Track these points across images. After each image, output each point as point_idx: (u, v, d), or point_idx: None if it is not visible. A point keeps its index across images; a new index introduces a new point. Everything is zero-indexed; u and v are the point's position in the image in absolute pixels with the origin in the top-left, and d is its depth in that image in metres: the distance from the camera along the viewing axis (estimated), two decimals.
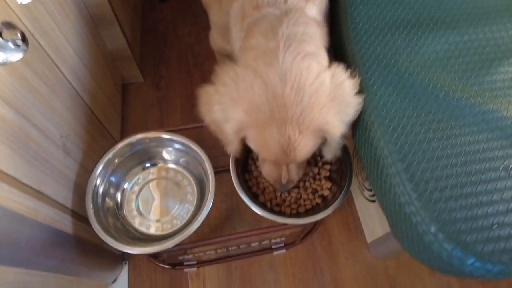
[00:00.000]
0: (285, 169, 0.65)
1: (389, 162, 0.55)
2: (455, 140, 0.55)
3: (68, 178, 0.70)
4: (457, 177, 0.52)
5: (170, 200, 0.76)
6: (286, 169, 0.65)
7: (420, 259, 0.54)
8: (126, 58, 1.10)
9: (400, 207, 0.53)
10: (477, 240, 0.47)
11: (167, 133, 0.75)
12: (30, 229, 0.56)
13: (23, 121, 0.56)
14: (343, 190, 0.71)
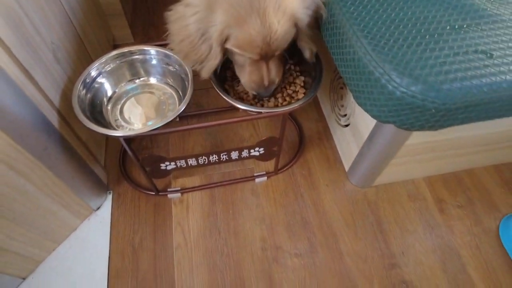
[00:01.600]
0: (266, 69, 0.69)
1: (347, 29, 0.61)
2: (407, 10, 0.62)
3: (56, 82, 0.74)
4: (407, 32, 0.58)
5: (153, 110, 0.80)
6: (267, 68, 0.69)
7: (376, 105, 0.58)
8: (118, 15, 1.17)
9: (359, 61, 0.58)
10: (414, 69, 0.52)
11: (151, 45, 0.80)
12: (18, 99, 0.60)
13: (16, 6, 0.62)
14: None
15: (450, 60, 0.54)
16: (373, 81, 0.56)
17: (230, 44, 0.65)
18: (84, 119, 0.68)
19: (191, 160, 0.81)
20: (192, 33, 0.65)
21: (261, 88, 0.72)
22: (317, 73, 0.77)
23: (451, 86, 0.51)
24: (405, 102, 0.53)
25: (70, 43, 0.83)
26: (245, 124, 1.06)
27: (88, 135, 0.89)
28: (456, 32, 0.58)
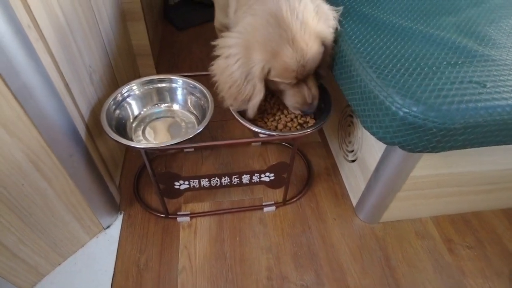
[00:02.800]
0: (306, 88, 0.77)
1: (355, 61, 0.68)
2: (408, 48, 0.69)
3: (88, 100, 0.82)
4: (408, 65, 0.65)
5: (173, 134, 0.85)
6: (307, 87, 0.77)
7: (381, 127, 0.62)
8: (146, 55, 1.30)
9: (365, 88, 0.64)
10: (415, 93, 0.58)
11: (178, 75, 0.89)
12: (58, 106, 0.66)
13: (67, 29, 0.72)
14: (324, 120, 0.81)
15: (447, 87, 0.60)
16: (378, 104, 0.62)
17: (271, 76, 0.73)
18: (109, 130, 0.74)
19: (203, 180, 0.84)
20: (237, 78, 0.73)
21: (305, 105, 0.79)
22: (326, 105, 0.83)
23: (449, 107, 0.56)
24: (408, 122, 0.58)
25: (103, 70, 0.93)
26: (256, 157, 1.10)
27: (108, 154, 0.94)
28: (452, 66, 0.64)
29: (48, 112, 0.64)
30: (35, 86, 0.60)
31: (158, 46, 1.52)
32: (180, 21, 1.69)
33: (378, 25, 0.75)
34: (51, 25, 0.65)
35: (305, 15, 0.69)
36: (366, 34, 0.73)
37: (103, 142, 0.90)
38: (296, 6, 0.69)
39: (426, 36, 0.72)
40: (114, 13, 1.05)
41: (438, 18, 0.79)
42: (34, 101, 0.61)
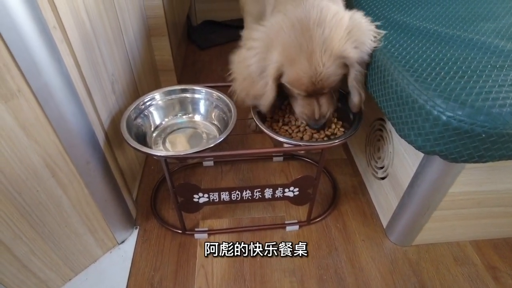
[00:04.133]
0: (316, 104, 0.74)
1: (389, 66, 0.64)
2: (446, 52, 0.65)
3: (109, 108, 0.80)
4: (448, 68, 0.60)
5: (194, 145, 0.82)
6: (317, 104, 0.74)
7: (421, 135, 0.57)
8: (169, 70, 1.30)
9: (402, 92, 0.59)
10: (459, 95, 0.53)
11: (201, 86, 0.87)
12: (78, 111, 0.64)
13: (92, 35, 0.71)
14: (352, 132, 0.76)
15: (496, 90, 0.54)
16: (417, 109, 0.56)
17: (283, 80, 0.71)
18: (129, 137, 0.71)
19: (224, 194, 0.79)
20: (253, 71, 0.72)
21: (312, 120, 0.76)
22: (355, 117, 0.78)
23: (501, 110, 0.51)
24: (452, 127, 0.52)
25: (126, 81, 0.92)
26: (278, 173, 1.05)
27: (126, 165, 0.91)
28: (498, 70, 0.59)
29: (68, 116, 0.62)
30: (56, 87, 0.58)
31: (181, 63, 1.53)
32: (202, 41, 1.71)
33: (412, 31, 0.72)
34: (77, 28, 0.65)
35: (332, 32, 0.66)
36: (399, 39, 0.69)
37: (122, 153, 0.88)
38: (327, 19, 0.66)
39: (465, 41, 0.68)
40: (139, 27, 1.06)
41: (475, 25, 0.75)
42: (54, 102, 0.59)
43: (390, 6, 0.82)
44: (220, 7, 1.83)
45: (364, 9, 0.82)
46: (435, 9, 0.81)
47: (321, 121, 0.75)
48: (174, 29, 1.35)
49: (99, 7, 0.75)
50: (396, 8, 0.82)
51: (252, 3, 0.98)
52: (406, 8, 0.82)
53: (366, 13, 0.80)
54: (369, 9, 0.81)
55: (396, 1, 0.85)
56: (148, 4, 1.12)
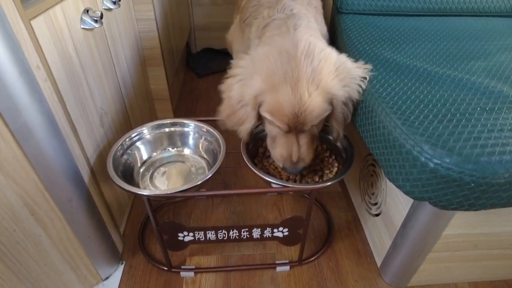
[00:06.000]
0: (296, 143, 0.68)
1: (377, 106, 0.62)
2: (435, 93, 0.63)
3: (96, 142, 0.79)
4: (436, 111, 0.58)
5: (181, 179, 0.80)
6: (297, 143, 0.68)
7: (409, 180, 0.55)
8: (164, 100, 1.30)
9: (389, 135, 0.58)
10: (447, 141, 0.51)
11: (191, 119, 0.86)
12: (59, 147, 0.63)
13: (80, 70, 0.71)
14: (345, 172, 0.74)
15: (485, 136, 0.52)
16: (404, 154, 0.55)
17: (262, 109, 0.68)
18: (114, 175, 0.70)
19: (210, 233, 0.77)
20: (234, 97, 0.70)
21: (288, 162, 0.70)
22: (348, 155, 0.77)
23: (489, 159, 0.49)
24: (440, 175, 0.50)
25: (116, 113, 0.92)
26: (270, 207, 1.03)
27: (113, 199, 0.89)
28: (487, 113, 0.57)
29: (49, 153, 0.61)
30: (36, 126, 0.57)
31: (178, 91, 1.53)
32: (201, 68, 1.72)
33: (401, 70, 0.71)
34: (62, 65, 0.64)
35: (321, 65, 0.65)
36: (388, 78, 0.68)
37: (109, 187, 0.86)
38: (316, 52, 0.66)
39: (455, 80, 0.67)
40: (133, 58, 1.07)
41: (466, 63, 0.74)
42: (34, 141, 0.58)
43: (381, 43, 0.82)
44: (220, 36, 1.85)
45: (355, 45, 0.81)
46: (426, 46, 0.81)
47: (299, 165, 0.69)
48: (171, 58, 1.36)
49: (88, 41, 0.76)
50: (387, 44, 0.82)
51: (239, 42, 0.99)
52: (397, 45, 0.81)
53: (357, 49, 0.80)
54: (359, 45, 0.81)
55: (387, 38, 0.85)
56: (143, 36, 1.13)
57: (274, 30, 0.76)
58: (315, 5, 0.85)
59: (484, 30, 0.91)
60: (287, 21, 0.74)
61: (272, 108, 0.66)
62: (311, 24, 0.76)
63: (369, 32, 0.87)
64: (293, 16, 0.77)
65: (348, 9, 0.96)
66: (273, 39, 0.70)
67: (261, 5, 0.84)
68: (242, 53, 0.98)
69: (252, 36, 0.87)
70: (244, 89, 0.68)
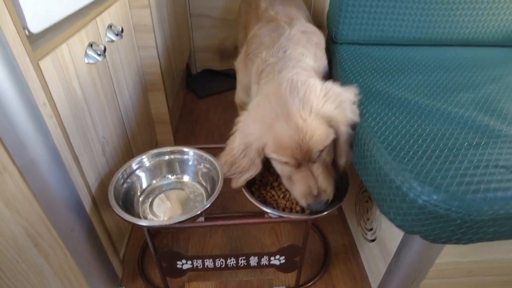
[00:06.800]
0: (311, 176, 0.67)
1: (369, 140, 0.65)
2: (425, 127, 0.66)
3: (98, 171, 0.81)
4: (426, 146, 0.61)
5: (180, 207, 0.82)
6: (312, 175, 0.68)
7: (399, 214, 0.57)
8: (164, 122, 1.33)
9: (380, 170, 0.60)
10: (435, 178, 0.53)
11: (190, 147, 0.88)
12: (62, 179, 0.65)
13: (83, 103, 0.74)
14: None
15: (471, 173, 0.55)
16: (394, 189, 0.57)
17: (267, 152, 0.69)
18: (115, 205, 0.72)
19: (208, 261, 0.78)
20: (236, 148, 0.73)
21: (310, 198, 0.68)
22: (343, 184, 0.79)
23: (474, 196, 0.51)
24: (428, 211, 0.53)
25: (118, 140, 0.94)
26: (268, 231, 1.04)
27: (113, 225, 0.91)
28: (474, 148, 0.60)
29: (52, 186, 0.63)
30: (42, 161, 0.60)
31: (178, 113, 1.57)
32: (201, 90, 1.76)
33: (393, 103, 0.74)
34: (67, 100, 0.67)
35: (307, 94, 0.68)
36: (380, 112, 0.71)
37: (110, 213, 0.88)
38: (299, 85, 0.69)
39: (444, 114, 0.69)
40: (134, 84, 1.10)
41: (455, 95, 0.77)
42: (39, 175, 0.60)
43: (374, 74, 0.85)
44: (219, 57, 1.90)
45: (349, 77, 0.85)
46: (417, 77, 0.84)
47: (322, 198, 0.67)
48: (171, 82, 1.40)
49: (92, 75, 0.79)
50: (380, 76, 0.85)
51: (242, 73, 1.02)
52: (390, 76, 0.84)
53: (351, 81, 0.83)
54: (353, 77, 0.84)
55: (380, 68, 0.88)
56: (145, 62, 1.17)
57: (265, 78, 0.80)
58: (316, 41, 0.88)
59: (473, 60, 0.95)
60: (274, 67, 0.79)
61: (274, 147, 0.67)
62: (300, 63, 0.79)
63: (362, 62, 0.91)
64: (283, 58, 0.80)
65: (343, 40, 0.99)
66: (262, 89, 0.75)
67: (262, 43, 0.87)
68: (243, 84, 1.03)
69: (253, 77, 0.90)
70: (245, 139, 0.71)
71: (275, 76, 0.74)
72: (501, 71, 0.88)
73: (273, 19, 0.91)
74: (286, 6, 0.97)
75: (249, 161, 0.72)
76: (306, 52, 0.84)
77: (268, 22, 0.91)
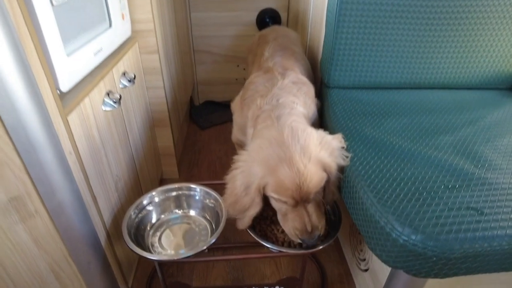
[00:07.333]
0: (306, 214, 0.76)
1: (357, 184, 0.73)
2: (407, 171, 0.74)
3: (112, 207, 0.89)
4: (407, 189, 0.69)
5: (186, 240, 0.89)
6: (307, 213, 0.76)
7: (384, 251, 0.64)
8: (169, 155, 1.41)
9: (367, 211, 0.68)
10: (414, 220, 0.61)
11: (196, 183, 0.96)
12: (83, 218, 0.73)
13: (101, 146, 0.83)
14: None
15: (445, 214, 0.62)
16: (379, 229, 0.65)
17: (268, 191, 0.77)
18: (129, 241, 0.79)
19: None
20: (237, 186, 0.80)
21: (305, 234, 0.76)
22: (336, 217, 0.86)
23: (447, 237, 0.58)
24: (408, 250, 0.60)
25: (128, 176, 1.02)
26: (268, 261, 1.10)
27: (123, 255, 0.97)
28: (449, 191, 0.68)
29: (75, 225, 0.71)
30: (67, 203, 0.67)
31: (181, 145, 1.65)
32: (203, 121, 1.86)
33: (379, 147, 0.82)
34: (88, 146, 0.76)
35: (307, 141, 0.76)
36: (367, 155, 0.79)
37: (121, 245, 0.95)
38: (299, 133, 0.78)
39: (425, 157, 0.78)
40: (143, 121, 1.19)
41: (436, 138, 0.86)
42: (64, 217, 0.68)
43: (363, 118, 0.95)
44: (220, 90, 2.02)
45: (339, 121, 0.94)
46: (402, 120, 0.93)
47: (314, 233, 0.76)
48: (177, 117, 1.49)
49: (108, 120, 0.87)
50: (367, 120, 0.94)
51: (238, 115, 1.10)
52: (377, 120, 0.94)
53: (341, 125, 0.92)
54: (343, 121, 0.93)
55: (368, 112, 0.98)
56: (153, 101, 1.27)
57: (263, 123, 0.88)
58: (305, 91, 0.98)
59: (454, 102, 1.04)
60: (271, 114, 0.87)
61: (276, 187, 0.75)
62: (294, 110, 0.88)
63: (352, 106, 1.00)
64: (278, 106, 0.89)
65: (335, 84, 1.09)
66: (262, 132, 0.82)
67: (257, 91, 0.97)
68: (239, 124, 1.11)
69: (249, 122, 0.97)
70: (246, 179, 0.78)
71: (274, 122, 0.83)
72: (478, 114, 0.98)
73: (269, 70, 1.01)
74: (285, 57, 1.07)
75: (250, 200, 0.79)
76: (297, 100, 0.93)
77: (265, 72, 1.01)
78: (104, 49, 0.87)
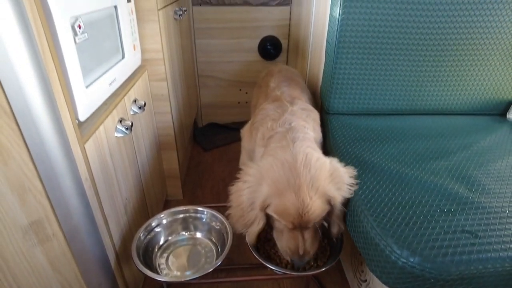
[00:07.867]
0: (301, 238, 0.80)
1: (357, 207, 0.77)
2: (405, 195, 0.78)
3: (121, 229, 0.92)
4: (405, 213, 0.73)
5: (192, 261, 0.92)
6: (302, 238, 0.80)
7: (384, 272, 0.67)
8: (175, 177, 1.45)
9: (367, 234, 0.71)
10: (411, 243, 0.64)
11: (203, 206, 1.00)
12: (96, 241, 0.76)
13: (113, 170, 0.87)
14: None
15: (441, 237, 0.66)
16: (379, 252, 0.68)
17: (270, 210, 0.80)
18: (139, 263, 0.82)
19: None
20: (244, 201, 0.83)
21: (296, 255, 0.80)
22: (338, 239, 0.90)
23: (444, 259, 0.62)
24: (407, 271, 0.63)
25: (136, 198, 1.06)
26: (271, 283, 1.12)
27: (130, 275, 1.00)
28: (445, 214, 0.72)
29: (88, 247, 0.74)
30: (82, 227, 0.71)
31: (186, 166, 1.69)
32: (207, 143, 1.90)
33: (378, 172, 0.86)
34: (101, 171, 0.80)
35: (317, 173, 0.78)
36: (366, 180, 0.83)
37: (128, 266, 0.97)
38: (312, 162, 0.80)
39: (421, 182, 0.82)
40: (151, 145, 1.24)
41: (432, 163, 0.90)
42: (79, 240, 0.71)
43: (362, 143, 0.99)
44: (223, 112, 2.08)
45: (339, 147, 0.98)
46: (400, 145, 0.98)
47: (305, 258, 0.79)
48: (182, 140, 1.54)
49: (119, 146, 0.92)
50: (366, 145, 0.98)
51: (247, 140, 1.15)
52: (375, 146, 0.98)
53: (341, 151, 0.97)
54: (343, 147, 0.98)
55: (367, 137, 1.02)
56: (160, 126, 1.32)
57: (277, 142, 0.91)
58: (313, 117, 1.03)
59: (448, 127, 1.09)
60: (286, 135, 0.90)
61: (279, 210, 0.78)
62: (307, 135, 0.92)
63: (351, 132, 1.05)
64: (292, 129, 0.92)
65: (334, 111, 1.15)
66: (276, 151, 0.85)
67: (267, 115, 1.01)
68: (247, 149, 1.16)
69: (258, 142, 1.02)
70: (253, 194, 0.81)
71: (290, 144, 0.85)
72: (471, 139, 1.02)
73: (278, 98, 1.06)
74: (291, 87, 1.13)
75: (255, 215, 0.82)
76: (307, 125, 0.98)
77: (274, 100, 1.07)
78: (117, 79, 0.92)
